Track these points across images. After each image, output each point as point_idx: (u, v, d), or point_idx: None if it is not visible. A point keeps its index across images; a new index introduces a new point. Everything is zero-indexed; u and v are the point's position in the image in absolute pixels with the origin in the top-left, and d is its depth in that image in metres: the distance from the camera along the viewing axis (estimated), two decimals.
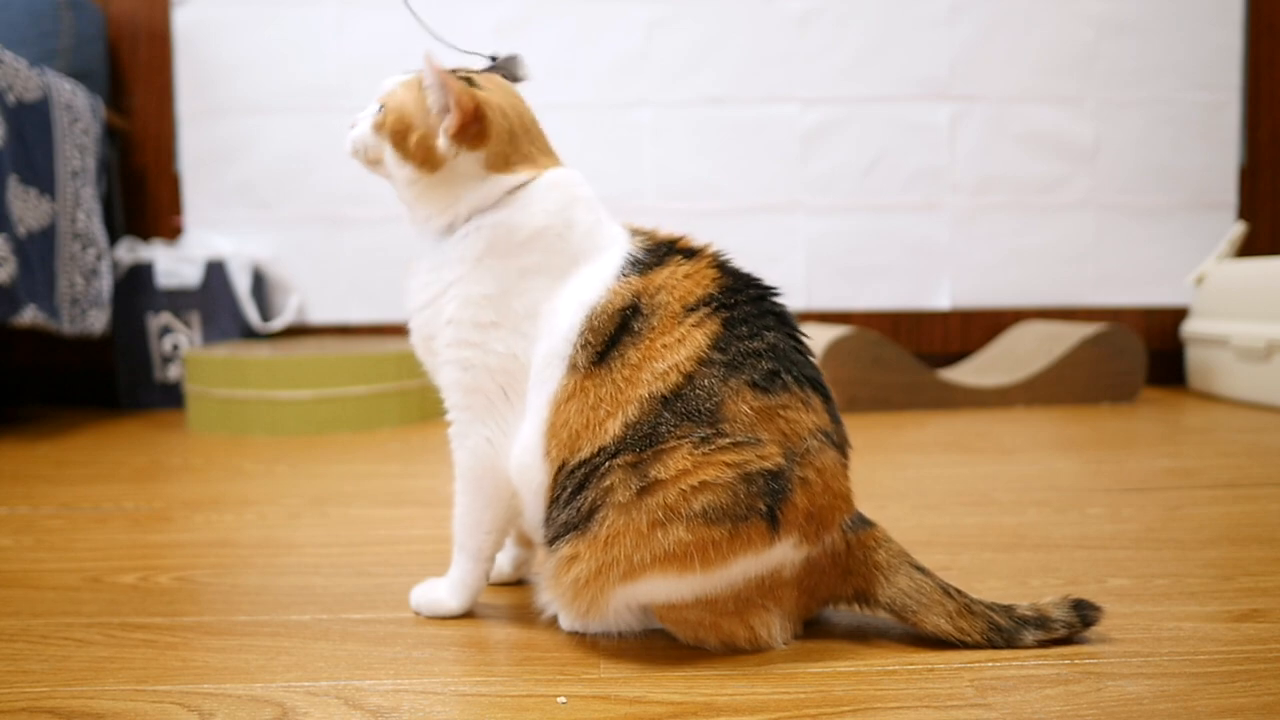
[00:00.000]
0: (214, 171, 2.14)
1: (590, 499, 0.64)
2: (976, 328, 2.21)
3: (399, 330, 2.17)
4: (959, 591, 0.67)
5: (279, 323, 2.12)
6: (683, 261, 0.69)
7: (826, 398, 0.68)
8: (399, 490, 1.23)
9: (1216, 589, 0.80)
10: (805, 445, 0.65)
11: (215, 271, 2.04)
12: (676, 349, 0.65)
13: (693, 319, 0.66)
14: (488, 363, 0.70)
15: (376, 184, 2.45)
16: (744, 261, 0.73)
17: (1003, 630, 0.66)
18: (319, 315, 2.18)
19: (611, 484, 0.63)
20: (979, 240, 2.19)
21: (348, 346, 1.86)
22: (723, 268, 0.70)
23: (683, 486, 0.62)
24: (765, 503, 0.63)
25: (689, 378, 0.64)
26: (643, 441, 0.63)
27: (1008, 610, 0.67)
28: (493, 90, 0.74)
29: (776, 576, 0.65)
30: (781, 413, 0.64)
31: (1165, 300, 2.21)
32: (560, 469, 0.66)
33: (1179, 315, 2.19)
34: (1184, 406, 1.90)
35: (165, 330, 2.04)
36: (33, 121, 1.71)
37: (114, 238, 2.05)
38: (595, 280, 0.69)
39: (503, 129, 0.72)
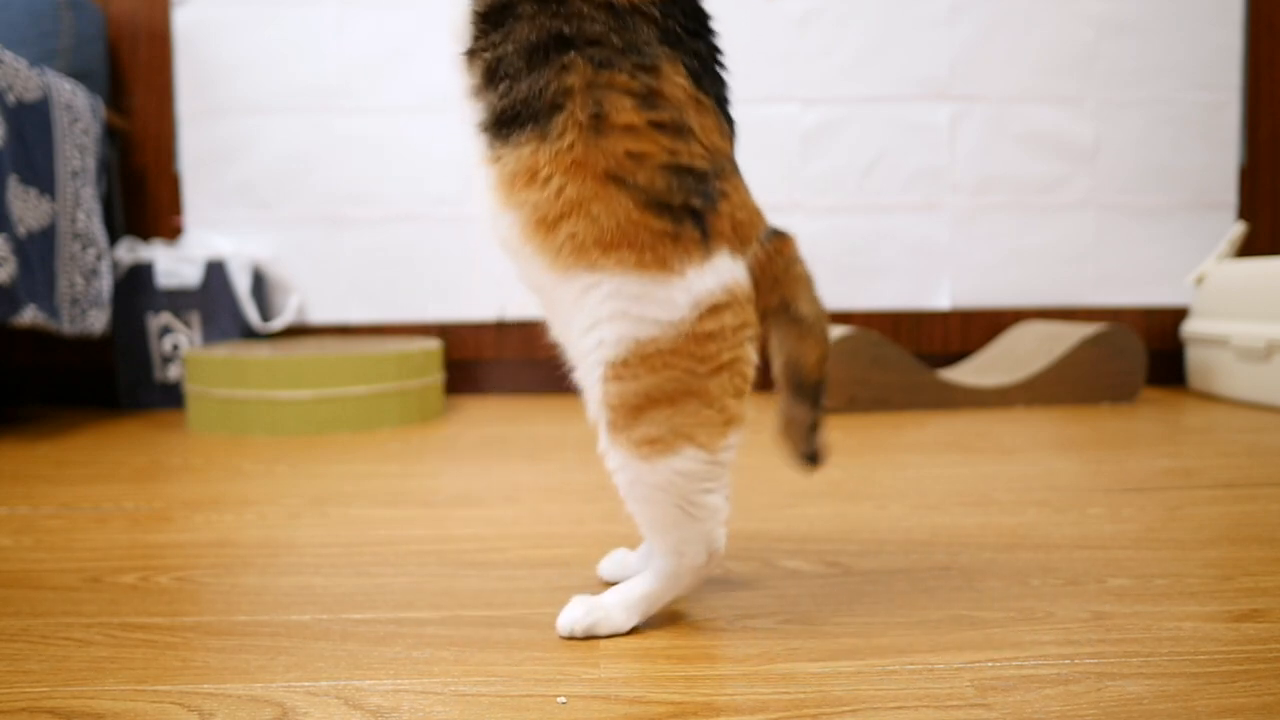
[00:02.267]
0: (214, 171, 2.14)
1: (553, 86, 0.62)
2: (976, 328, 2.21)
3: (399, 330, 2.18)
4: (825, 339, 0.70)
5: (279, 323, 2.12)
6: None
7: (734, 134, 0.69)
8: (399, 490, 1.23)
9: (1216, 589, 0.80)
10: (722, 164, 0.66)
11: (215, 271, 2.04)
12: None
13: None
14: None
15: (376, 184, 2.47)
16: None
17: (814, 392, 0.70)
18: (319, 315, 2.18)
19: (570, 84, 0.62)
20: (979, 240, 2.20)
21: (348, 346, 1.86)
22: None
23: (629, 147, 0.62)
24: (697, 203, 0.64)
25: (633, 6, 0.63)
26: (597, 47, 0.62)
27: (825, 394, 0.70)
28: None
29: (740, 288, 0.66)
30: (706, 117, 0.65)
31: (1165, 300, 2.21)
32: None
33: (1179, 315, 2.19)
34: (1184, 406, 1.90)
35: (165, 330, 2.04)
36: (33, 121, 1.71)
37: (114, 238, 2.05)
38: None
39: None
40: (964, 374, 2.03)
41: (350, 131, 2.13)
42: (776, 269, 0.69)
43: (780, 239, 0.70)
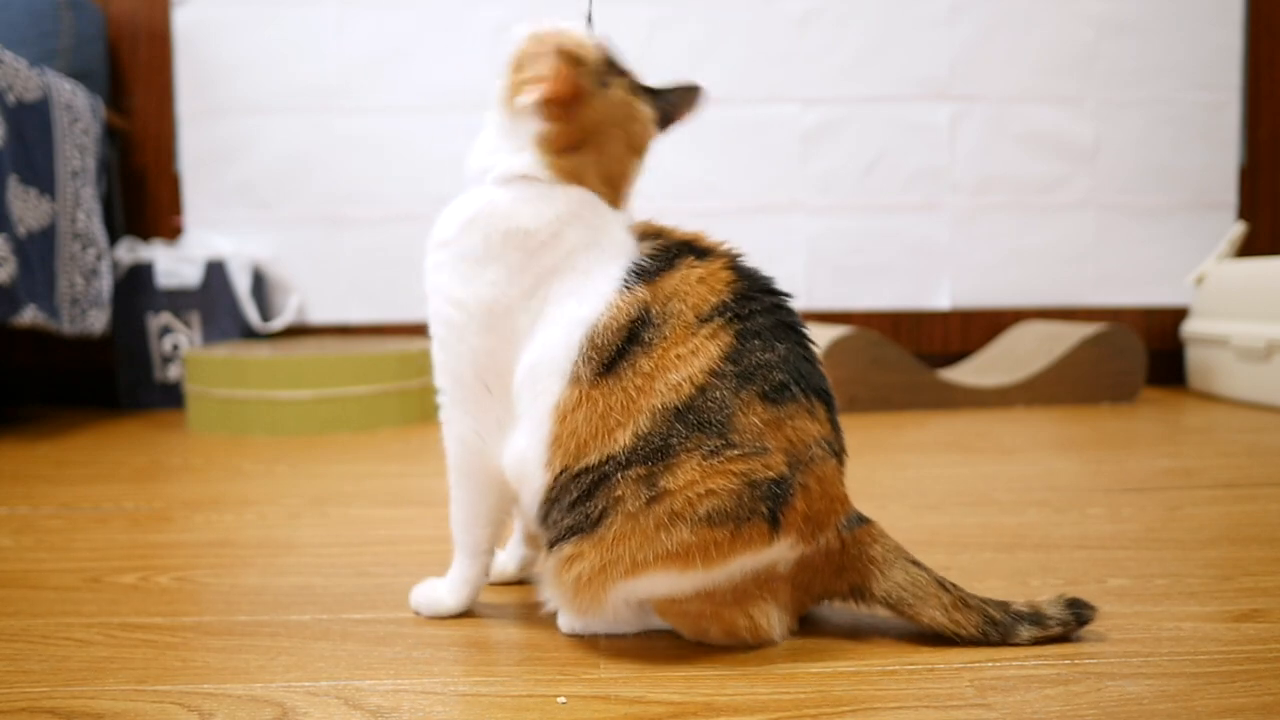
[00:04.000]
0: (214, 171, 2.14)
1: (600, 507, 0.64)
2: (976, 328, 2.21)
3: (399, 330, 2.18)
4: (954, 585, 0.68)
5: (279, 323, 2.12)
6: (695, 263, 0.69)
7: (830, 406, 0.68)
8: (399, 490, 1.23)
9: (1216, 589, 0.80)
10: (809, 454, 0.65)
11: (215, 271, 2.04)
12: (690, 360, 0.65)
13: (706, 330, 0.65)
14: (464, 353, 0.70)
15: (376, 184, 2.46)
16: (749, 260, 0.73)
17: (998, 624, 0.67)
18: (319, 315, 2.18)
19: (622, 494, 0.64)
20: (979, 240, 2.20)
21: (348, 346, 1.86)
22: (737, 269, 0.70)
23: (689, 495, 0.63)
24: (767, 506, 0.63)
25: (701, 390, 0.64)
26: (655, 454, 0.63)
27: (1003, 606, 0.68)
28: (616, 93, 0.72)
29: (771, 571, 0.66)
30: (789, 422, 0.65)
31: (1165, 300, 2.21)
32: (562, 472, 0.66)
33: (1179, 315, 2.19)
34: (1184, 406, 1.90)
35: (165, 330, 2.04)
36: (33, 121, 1.71)
37: (114, 238, 2.05)
38: (592, 295, 0.67)
39: (578, 127, 0.71)
40: (964, 374, 2.03)
41: (350, 131, 2.13)
42: (847, 558, 0.68)
43: (861, 529, 0.69)
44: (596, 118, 0.71)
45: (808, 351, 0.69)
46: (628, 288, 0.67)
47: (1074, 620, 0.67)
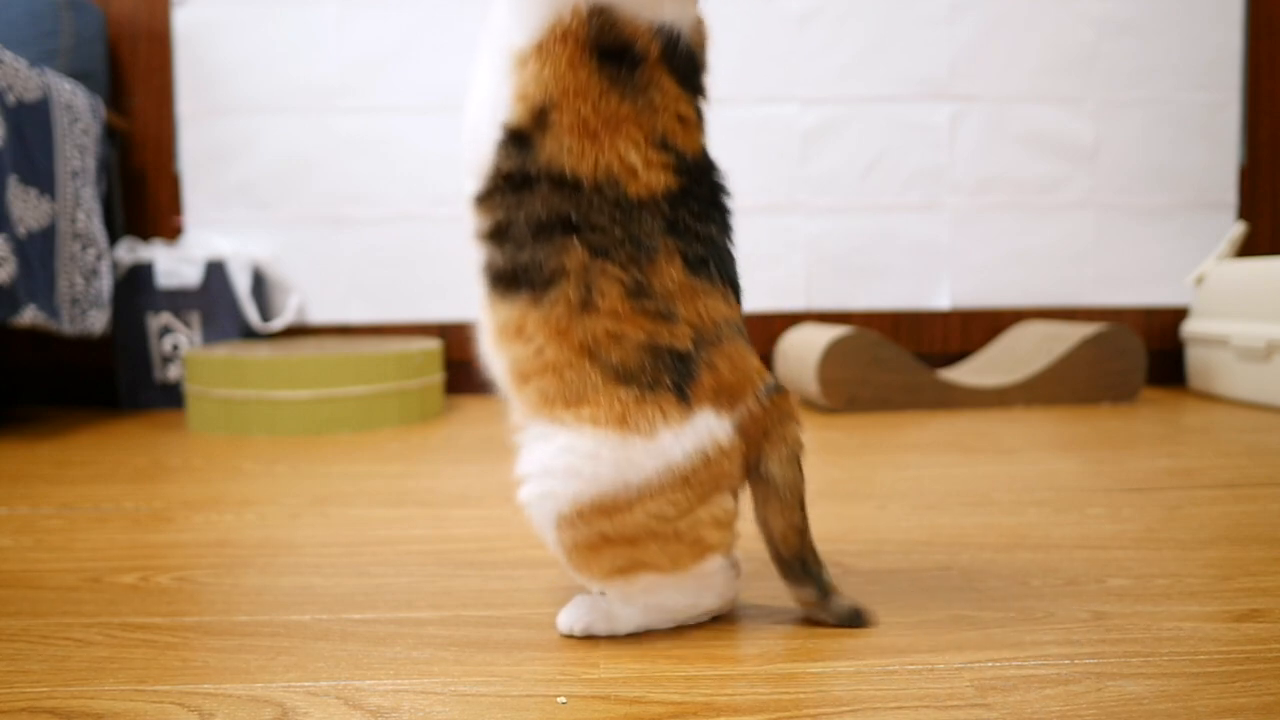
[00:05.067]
0: (214, 171, 2.14)
1: (552, 264, 0.65)
2: (976, 328, 2.21)
3: (399, 330, 2.18)
4: (805, 516, 0.70)
5: (279, 323, 2.12)
6: (684, 105, 0.69)
7: (740, 300, 0.70)
8: (399, 490, 1.23)
9: (1216, 589, 0.80)
10: (718, 333, 0.67)
11: (215, 271, 2.04)
12: (653, 171, 0.65)
13: (661, 156, 0.66)
14: None
15: (376, 184, 2.46)
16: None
17: (804, 569, 0.70)
18: (319, 315, 2.18)
19: (567, 266, 0.64)
20: (979, 240, 2.20)
21: (348, 346, 1.86)
22: (708, 150, 0.71)
23: (609, 327, 0.64)
24: (672, 379, 0.65)
25: (639, 201, 0.65)
26: (599, 234, 0.64)
27: (819, 564, 0.70)
28: None
29: (719, 450, 0.66)
30: (702, 298, 0.67)
31: (1165, 300, 2.21)
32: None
33: (1179, 315, 2.19)
34: (1184, 406, 1.90)
35: (165, 330, 2.04)
36: (33, 121, 1.71)
37: (114, 238, 2.05)
38: None
39: None
40: (964, 374, 2.03)
41: (350, 131, 2.13)
42: (768, 423, 0.68)
43: (779, 395, 0.69)
44: None
45: (731, 245, 0.71)
46: None
47: (845, 621, 0.71)
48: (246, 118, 2.13)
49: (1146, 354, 1.95)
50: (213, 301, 2.04)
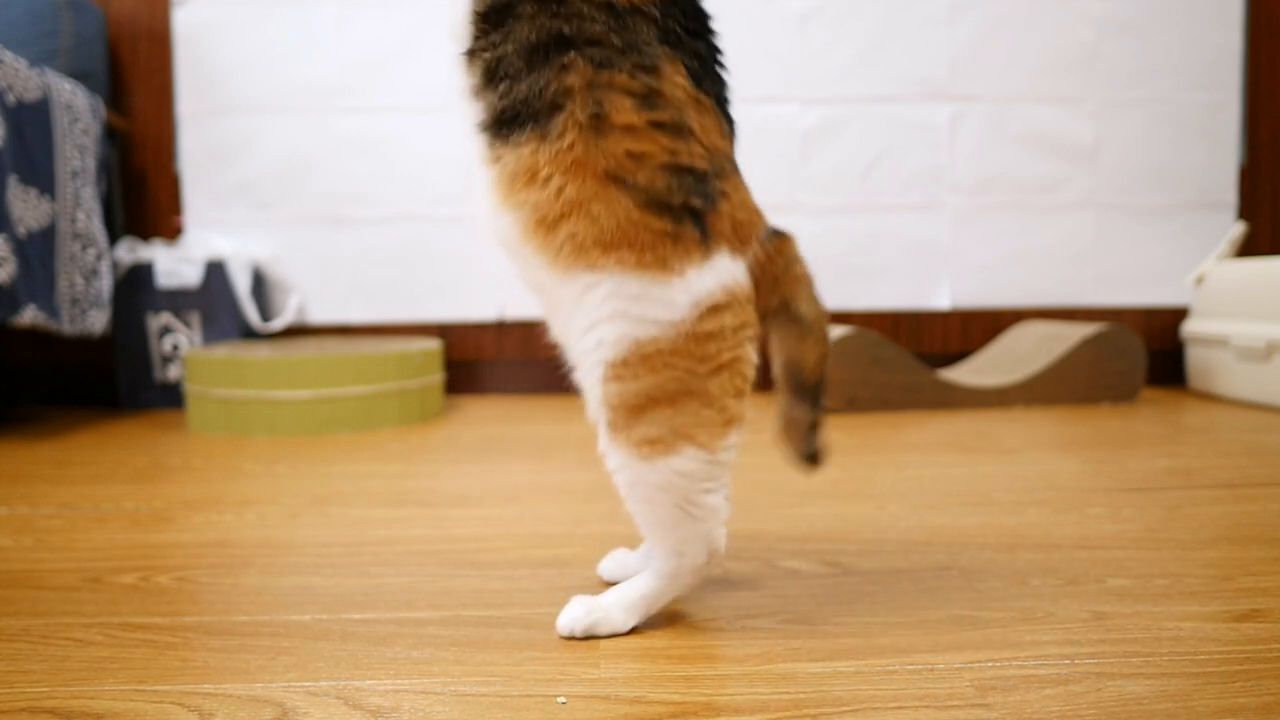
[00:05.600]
0: (214, 171, 2.14)
1: (553, 87, 0.62)
2: (976, 328, 2.21)
3: (399, 330, 2.18)
4: (825, 338, 0.70)
5: (279, 323, 2.12)
6: None
7: (734, 134, 0.70)
8: (399, 490, 1.23)
9: (1216, 589, 0.80)
10: (722, 164, 0.66)
11: (215, 271, 2.04)
12: None
13: None
14: None
15: (376, 184, 2.46)
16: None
17: (817, 392, 0.70)
18: (319, 315, 2.18)
19: (570, 84, 0.62)
20: (979, 240, 2.20)
21: (348, 346, 1.86)
22: None
23: (629, 147, 0.62)
24: (697, 203, 0.64)
25: (633, 7, 0.63)
26: (596, 47, 0.62)
27: (825, 392, 0.71)
28: None
29: (741, 289, 0.66)
30: (708, 118, 0.65)
31: (1165, 300, 2.21)
32: None
33: (1179, 315, 2.19)
34: (1184, 406, 1.90)
35: (165, 330, 2.04)
36: (33, 121, 1.71)
37: (114, 238, 2.05)
38: None
39: None
40: (964, 374, 2.03)
41: (350, 131, 2.13)
42: (777, 269, 0.68)
43: (780, 239, 0.70)
44: None
45: (721, 69, 0.69)
46: None
47: (808, 456, 0.71)
48: (246, 118, 2.13)
49: (1146, 354, 1.95)
50: (213, 301, 2.04)
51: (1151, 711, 0.57)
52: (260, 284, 2.13)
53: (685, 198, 0.63)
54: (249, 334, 2.07)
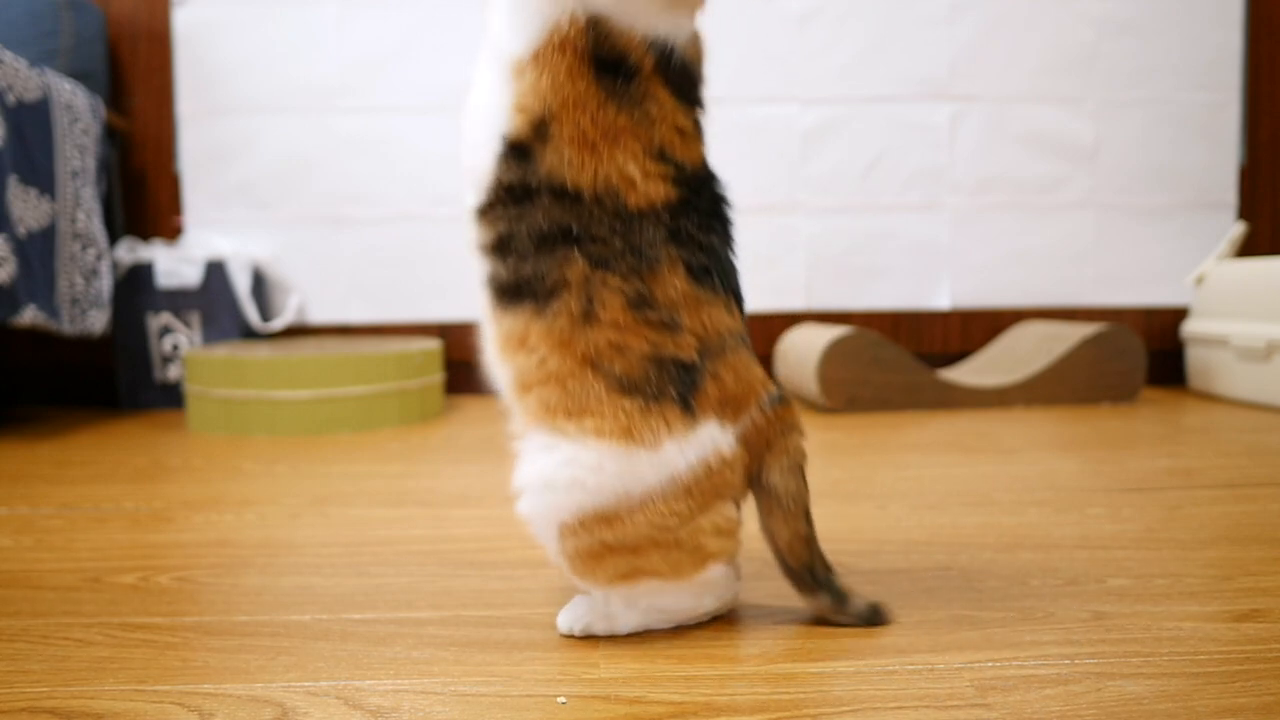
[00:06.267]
0: (214, 171, 2.14)
1: (553, 276, 0.65)
2: (976, 328, 2.21)
3: (399, 330, 2.18)
4: (812, 523, 0.69)
5: (279, 323, 2.12)
6: (681, 116, 0.69)
7: (743, 311, 0.70)
8: (399, 490, 1.23)
9: (1216, 589, 0.80)
10: (722, 343, 0.67)
11: (215, 271, 2.04)
12: (652, 184, 0.65)
13: (659, 167, 0.66)
14: None
15: (376, 184, 2.46)
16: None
17: (812, 578, 0.70)
18: (319, 315, 2.18)
19: (569, 278, 0.64)
20: (979, 240, 2.20)
21: (348, 346, 1.87)
22: (707, 154, 0.71)
23: (611, 338, 0.64)
24: (677, 390, 0.65)
25: (640, 213, 0.65)
26: (599, 245, 0.64)
27: (828, 568, 0.70)
28: None
29: (721, 460, 0.66)
30: (706, 308, 0.66)
31: (1165, 300, 2.21)
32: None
33: (1179, 315, 2.19)
34: (1184, 406, 1.90)
35: (165, 330, 2.04)
36: (33, 121, 1.71)
37: (114, 238, 2.05)
38: None
39: None
40: (964, 374, 2.03)
41: (350, 131, 2.13)
42: (770, 434, 0.68)
43: (782, 406, 0.69)
44: None
45: (733, 256, 0.70)
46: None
47: (865, 620, 0.70)
48: (246, 118, 2.13)
49: (1146, 354, 1.95)
50: (213, 301, 2.04)
51: (1151, 711, 0.57)
52: (260, 284, 2.13)
53: (662, 386, 0.64)
54: (249, 334, 2.07)
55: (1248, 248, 2.14)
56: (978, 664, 0.64)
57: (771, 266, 2.18)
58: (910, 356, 1.87)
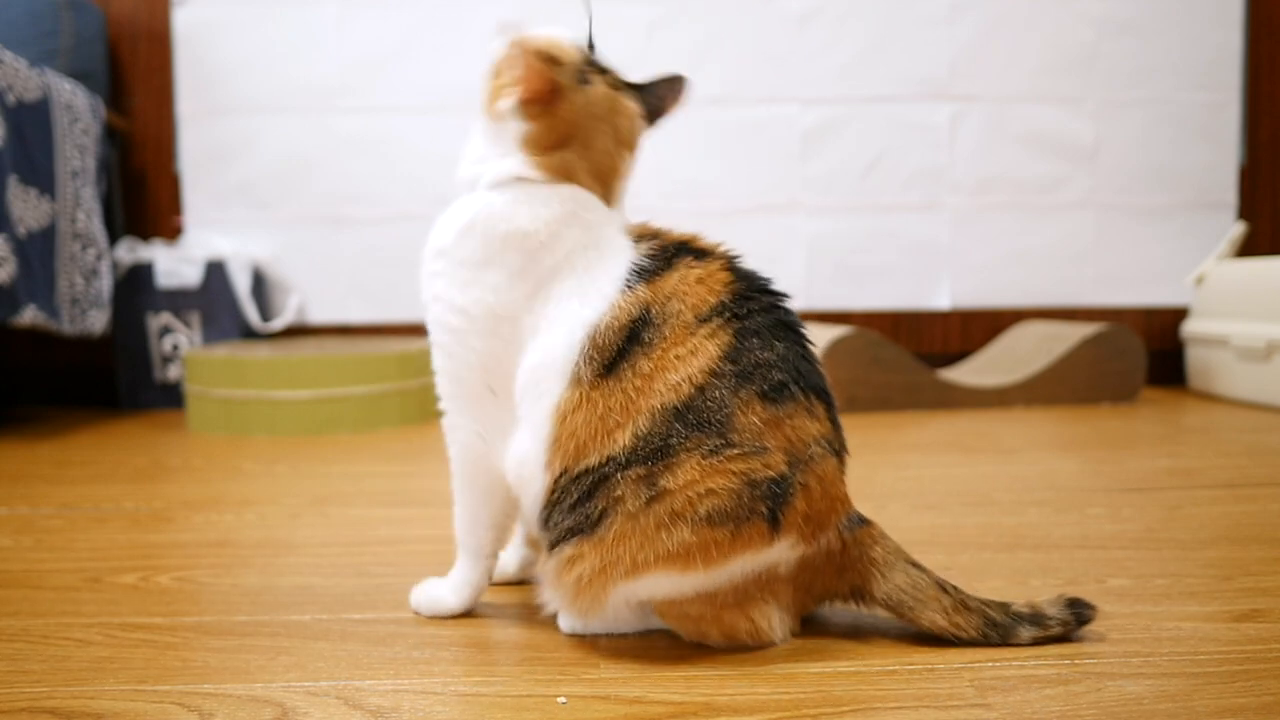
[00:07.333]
0: (214, 171, 2.14)
1: (600, 508, 0.64)
2: (976, 328, 2.21)
3: (399, 330, 2.18)
4: (954, 588, 0.68)
5: (279, 323, 2.12)
6: (694, 264, 0.69)
7: (829, 404, 0.69)
8: (399, 490, 1.23)
9: (1216, 589, 0.80)
10: (809, 453, 0.65)
11: (215, 271, 2.04)
12: (689, 360, 0.65)
13: (705, 330, 0.66)
14: (468, 357, 0.70)
15: (376, 184, 2.46)
16: (746, 262, 0.73)
17: (998, 626, 0.67)
18: (319, 315, 2.18)
19: (622, 494, 0.64)
20: (979, 240, 2.19)
21: (348, 346, 1.86)
22: (734, 270, 0.70)
23: (689, 494, 0.63)
24: (767, 506, 0.63)
25: (701, 390, 0.64)
26: (654, 454, 0.63)
27: (1003, 607, 0.68)
28: (597, 89, 0.72)
29: (772, 572, 0.66)
30: (788, 421, 0.65)
31: (1165, 300, 2.20)
32: (562, 474, 0.66)
33: (1179, 315, 2.19)
34: (1184, 406, 1.90)
35: (165, 330, 2.04)
36: (33, 121, 1.71)
37: (114, 238, 2.05)
38: (593, 295, 0.68)
39: (561, 123, 0.71)
40: (964, 374, 2.03)
41: (350, 131, 2.13)
42: (848, 559, 0.68)
43: (863, 529, 0.68)
44: (578, 113, 0.71)
45: (806, 351, 0.69)
46: (629, 287, 0.67)
47: (1074, 620, 0.67)
48: (246, 118, 2.13)
49: (1146, 354, 1.95)
50: (213, 301, 2.04)
51: (1151, 711, 0.57)
52: (260, 284, 2.13)
53: (755, 505, 0.63)
54: (249, 334, 2.07)
55: (1248, 248, 2.14)
56: (978, 664, 0.64)
57: (772, 266, 2.16)
58: (910, 356, 1.87)
